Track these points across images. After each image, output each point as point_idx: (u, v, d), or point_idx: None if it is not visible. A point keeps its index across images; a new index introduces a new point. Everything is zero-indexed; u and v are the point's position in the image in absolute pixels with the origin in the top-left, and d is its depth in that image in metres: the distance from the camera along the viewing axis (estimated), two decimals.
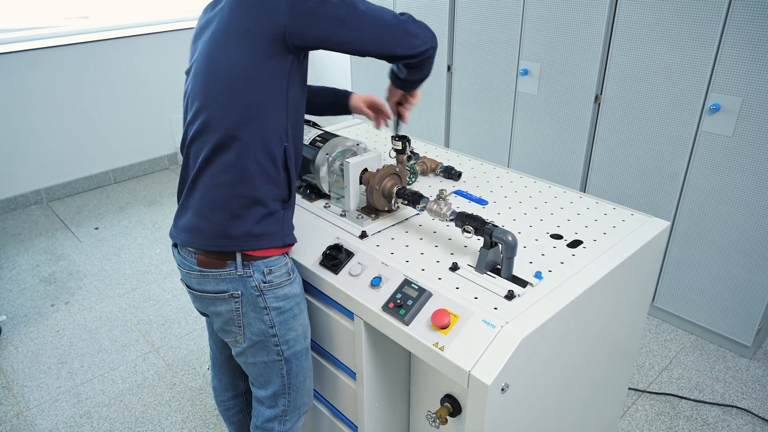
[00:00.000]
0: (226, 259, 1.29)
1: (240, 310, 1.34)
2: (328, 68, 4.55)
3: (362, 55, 1.27)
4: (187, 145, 1.32)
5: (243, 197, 1.26)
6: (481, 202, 1.62)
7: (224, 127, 1.24)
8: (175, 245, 1.39)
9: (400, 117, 1.62)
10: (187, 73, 1.34)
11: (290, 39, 1.18)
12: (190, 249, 1.32)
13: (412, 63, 1.34)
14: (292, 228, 1.39)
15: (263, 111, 1.23)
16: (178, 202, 1.38)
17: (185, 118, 1.33)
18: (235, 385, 1.71)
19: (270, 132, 1.25)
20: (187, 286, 1.39)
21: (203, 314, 1.50)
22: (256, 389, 1.49)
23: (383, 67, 3.58)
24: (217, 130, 1.24)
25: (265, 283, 1.32)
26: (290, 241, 1.37)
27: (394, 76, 1.54)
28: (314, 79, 4.77)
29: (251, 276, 1.31)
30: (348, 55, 3.85)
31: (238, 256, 1.29)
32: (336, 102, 1.72)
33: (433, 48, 1.33)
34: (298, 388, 1.48)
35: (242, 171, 1.25)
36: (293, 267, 1.39)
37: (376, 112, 1.73)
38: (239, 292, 1.32)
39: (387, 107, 1.65)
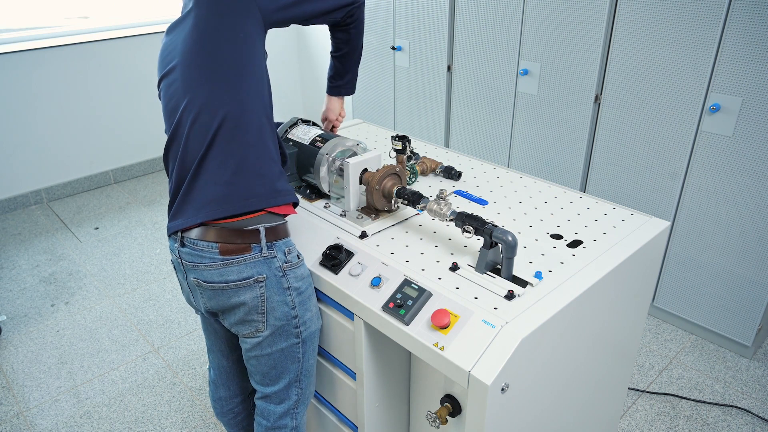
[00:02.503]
0: (250, 242, 1.31)
1: (265, 295, 1.35)
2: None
3: (315, 15, 1.47)
4: (186, 132, 1.32)
5: (262, 155, 1.33)
6: (481, 202, 1.62)
7: (233, 96, 1.31)
8: (182, 244, 1.35)
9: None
10: (163, 77, 1.39)
11: (265, 13, 1.34)
12: (210, 241, 1.31)
13: (348, 20, 1.56)
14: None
15: (257, 78, 1.33)
16: (175, 199, 1.36)
17: (174, 114, 1.35)
18: (244, 388, 1.70)
19: (265, 97, 1.35)
20: (204, 282, 1.35)
21: (212, 315, 1.47)
22: (264, 387, 1.48)
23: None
24: (226, 101, 1.30)
25: (287, 263, 1.36)
26: (295, 199, 1.43)
27: (332, 87, 1.79)
28: (314, 81, 4.76)
29: (275, 257, 1.34)
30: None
31: (263, 237, 1.31)
32: None
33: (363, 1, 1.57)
34: (310, 373, 1.50)
35: (258, 130, 1.33)
36: (299, 250, 1.46)
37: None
38: (264, 276, 1.33)
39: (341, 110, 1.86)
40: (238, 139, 1.30)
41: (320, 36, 4.48)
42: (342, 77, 1.75)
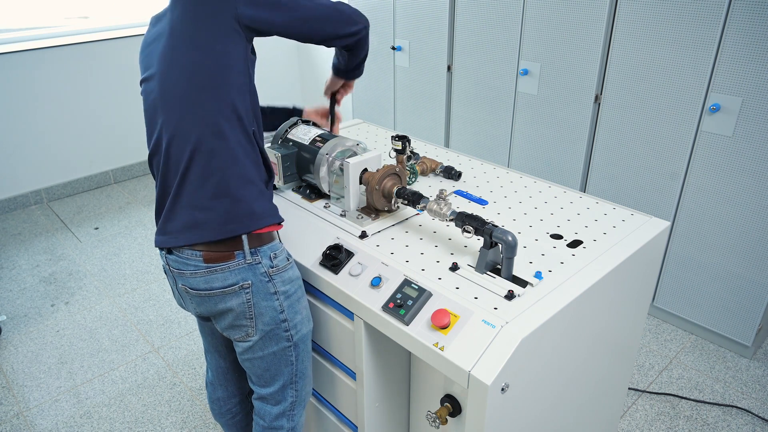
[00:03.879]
0: (233, 249, 1.30)
1: (251, 301, 1.34)
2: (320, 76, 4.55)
3: (306, 38, 1.35)
4: (164, 150, 1.30)
5: (238, 178, 1.29)
6: (481, 202, 1.62)
7: (204, 119, 1.26)
8: (169, 251, 1.35)
9: (335, 101, 1.78)
10: (143, 81, 1.35)
11: (242, 21, 1.24)
12: (194, 248, 1.31)
13: (350, 43, 1.44)
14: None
15: (234, 95, 1.26)
16: (160, 213, 1.36)
17: (153, 126, 1.32)
18: (241, 388, 1.70)
19: (242, 114, 1.28)
20: (191, 289, 1.37)
21: (204, 319, 1.49)
22: (260, 388, 1.49)
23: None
24: (198, 124, 1.26)
25: (272, 267, 1.34)
26: (282, 219, 1.40)
27: (337, 69, 1.65)
28: (314, 81, 4.77)
29: (260, 262, 1.32)
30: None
31: (245, 244, 1.30)
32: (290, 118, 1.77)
33: (366, 28, 1.45)
34: (304, 375, 1.49)
35: (231, 153, 1.28)
36: (289, 253, 1.43)
37: (325, 116, 1.83)
38: (249, 282, 1.32)
39: (336, 112, 1.80)
40: (212, 164, 1.26)
41: None
42: (346, 67, 1.66)
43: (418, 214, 1.55)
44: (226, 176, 1.28)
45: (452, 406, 1.31)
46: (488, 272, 1.29)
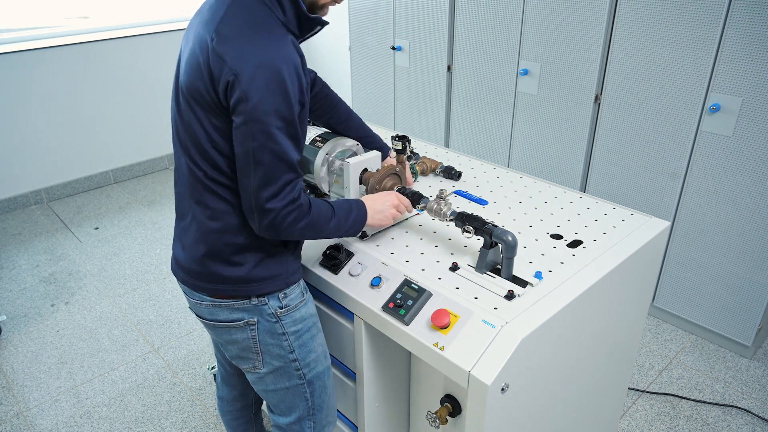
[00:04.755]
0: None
1: (257, 338, 1.28)
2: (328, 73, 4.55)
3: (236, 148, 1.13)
4: (178, 183, 1.25)
5: (233, 245, 1.21)
6: (481, 202, 1.62)
7: (196, 202, 1.19)
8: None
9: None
10: (174, 92, 1.24)
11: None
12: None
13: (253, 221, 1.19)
14: (298, 262, 1.32)
15: (223, 163, 1.16)
16: (178, 226, 1.30)
17: (175, 147, 1.26)
18: (245, 395, 1.67)
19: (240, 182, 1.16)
20: (198, 316, 1.33)
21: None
22: (276, 417, 1.44)
23: (381, 67, 3.58)
24: (191, 202, 1.20)
25: (281, 308, 1.28)
26: (294, 280, 1.30)
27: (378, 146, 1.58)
28: None
29: (266, 304, 1.26)
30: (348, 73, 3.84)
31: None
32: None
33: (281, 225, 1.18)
34: (323, 408, 1.43)
35: (229, 220, 1.19)
36: (305, 287, 1.35)
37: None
38: (255, 320, 1.27)
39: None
40: (212, 221, 1.20)
41: (324, 37, 4.48)
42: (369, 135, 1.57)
43: (418, 214, 1.55)
44: (219, 240, 1.20)
45: (452, 406, 1.31)
46: (488, 272, 1.29)
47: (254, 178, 1.09)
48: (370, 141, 1.59)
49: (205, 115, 1.12)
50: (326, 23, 1.19)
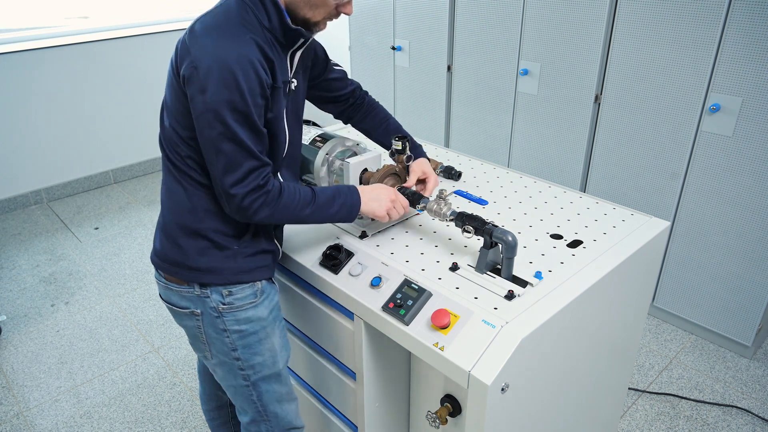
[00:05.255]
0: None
1: (202, 329, 1.32)
2: None
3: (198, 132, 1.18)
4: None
5: (184, 228, 1.26)
6: (481, 202, 1.62)
7: (171, 146, 1.24)
8: None
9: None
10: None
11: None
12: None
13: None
14: (257, 264, 1.32)
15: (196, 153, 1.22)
16: None
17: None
18: (218, 396, 1.68)
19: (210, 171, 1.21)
20: (160, 294, 1.39)
21: None
22: (238, 414, 1.46)
23: (382, 57, 3.57)
24: (167, 147, 1.26)
25: (224, 305, 1.29)
26: (242, 279, 1.29)
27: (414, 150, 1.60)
28: None
29: (209, 297, 1.28)
30: (347, 60, 3.85)
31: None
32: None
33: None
34: (278, 415, 1.43)
35: (180, 201, 1.25)
36: (264, 289, 1.33)
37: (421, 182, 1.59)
38: (199, 311, 1.30)
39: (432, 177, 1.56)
40: (168, 198, 1.28)
41: (324, 37, 4.47)
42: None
43: (418, 214, 1.55)
44: (170, 219, 1.28)
45: (452, 406, 1.31)
46: (488, 272, 1.29)
47: (217, 165, 1.15)
48: (414, 151, 1.60)
49: (171, 98, 1.21)
50: (309, 36, 1.24)
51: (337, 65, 1.57)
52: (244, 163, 1.15)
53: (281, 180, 1.28)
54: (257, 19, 1.16)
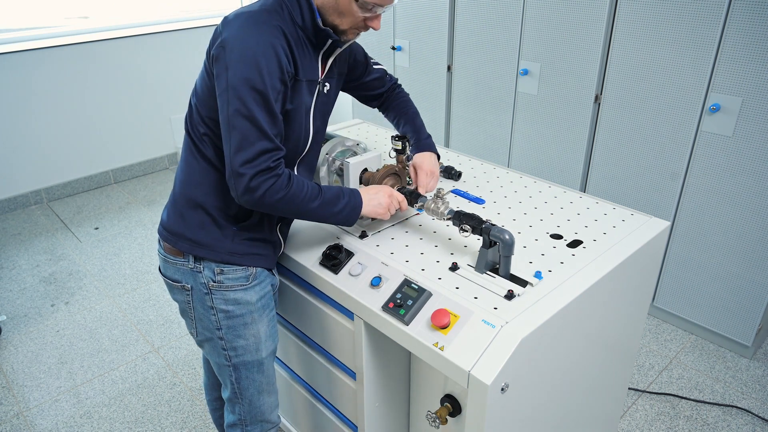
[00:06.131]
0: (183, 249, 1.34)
1: (191, 303, 1.36)
2: None
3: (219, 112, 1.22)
4: None
5: (189, 200, 1.31)
6: (479, 201, 1.62)
7: (192, 124, 1.31)
8: None
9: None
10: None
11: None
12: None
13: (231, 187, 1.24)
14: (255, 250, 1.34)
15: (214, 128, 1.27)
16: None
17: None
18: (221, 386, 1.68)
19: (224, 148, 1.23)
20: (159, 269, 1.44)
21: None
22: (222, 390, 1.50)
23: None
24: (189, 125, 1.32)
25: (214, 282, 1.32)
26: (236, 261, 1.31)
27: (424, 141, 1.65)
28: None
29: (201, 272, 1.32)
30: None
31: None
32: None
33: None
34: (252, 402, 1.45)
35: (192, 173, 1.31)
36: (257, 275, 1.35)
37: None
38: (189, 286, 1.34)
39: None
40: (181, 170, 1.34)
41: None
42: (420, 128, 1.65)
43: (417, 213, 1.55)
44: (179, 190, 1.34)
45: (452, 406, 1.31)
46: (488, 272, 1.29)
47: (231, 142, 1.17)
48: (418, 143, 1.63)
49: (200, 79, 1.27)
50: (337, 39, 1.28)
51: (377, 64, 1.64)
52: (257, 143, 1.17)
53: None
54: (290, 16, 1.22)
